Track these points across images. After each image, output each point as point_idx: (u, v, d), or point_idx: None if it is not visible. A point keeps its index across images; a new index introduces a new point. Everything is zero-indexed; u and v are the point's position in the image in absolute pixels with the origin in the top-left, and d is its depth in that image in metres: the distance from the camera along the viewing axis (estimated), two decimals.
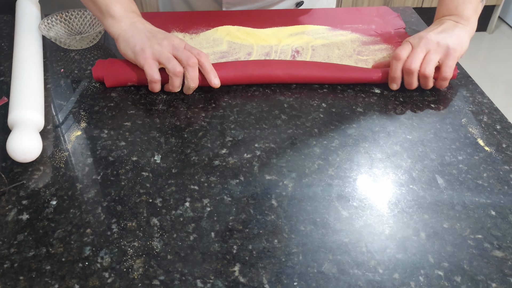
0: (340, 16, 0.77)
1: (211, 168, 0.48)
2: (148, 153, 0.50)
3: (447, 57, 0.57)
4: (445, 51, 0.57)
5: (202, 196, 0.45)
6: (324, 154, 0.50)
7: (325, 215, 0.43)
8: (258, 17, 0.77)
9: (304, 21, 0.75)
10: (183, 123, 0.54)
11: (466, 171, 0.48)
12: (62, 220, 0.42)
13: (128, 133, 0.53)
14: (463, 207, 0.44)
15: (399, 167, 0.48)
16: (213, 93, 0.60)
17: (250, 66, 0.60)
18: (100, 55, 0.67)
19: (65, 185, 0.46)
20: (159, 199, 0.44)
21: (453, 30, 0.59)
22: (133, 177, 0.47)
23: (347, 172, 0.48)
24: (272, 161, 0.49)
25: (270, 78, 0.60)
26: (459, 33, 0.59)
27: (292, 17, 0.77)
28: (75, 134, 0.52)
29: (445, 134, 0.53)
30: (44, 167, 0.48)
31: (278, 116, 0.56)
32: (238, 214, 0.43)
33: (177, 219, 0.42)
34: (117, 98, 0.58)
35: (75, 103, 0.57)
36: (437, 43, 0.57)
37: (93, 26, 0.70)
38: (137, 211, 0.43)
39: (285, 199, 0.44)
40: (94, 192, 0.45)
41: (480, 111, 0.56)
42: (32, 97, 0.52)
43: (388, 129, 0.54)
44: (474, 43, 2.40)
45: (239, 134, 0.53)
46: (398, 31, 0.73)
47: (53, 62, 0.65)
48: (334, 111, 0.57)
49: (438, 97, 0.59)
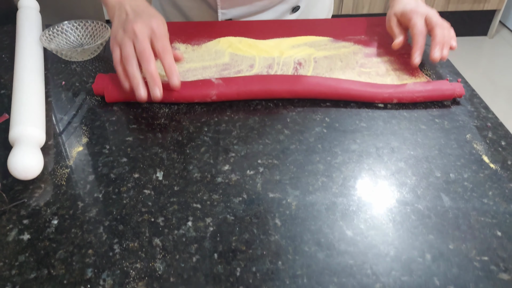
0: (342, 27, 0.77)
1: (214, 186, 0.48)
2: (150, 169, 0.49)
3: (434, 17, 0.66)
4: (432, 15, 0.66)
5: (205, 215, 0.44)
6: (328, 171, 0.50)
7: (329, 235, 0.42)
8: (260, 28, 0.76)
9: (306, 32, 0.75)
10: (185, 138, 0.54)
11: (471, 189, 0.47)
12: (63, 240, 0.42)
13: (129, 148, 0.52)
14: (468, 227, 0.43)
15: (404, 184, 0.48)
16: (216, 106, 0.59)
17: (253, 82, 0.59)
18: (101, 66, 0.67)
19: (67, 203, 0.45)
20: (161, 218, 0.44)
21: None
22: (135, 195, 0.46)
23: (351, 190, 0.47)
24: (275, 178, 0.49)
25: (273, 94, 0.59)
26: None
27: (294, 28, 0.76)
28: (76, 149, 0.52)
29: (450, 151, 0.52)
30: (45, 185, 0.47)
31: (281, 131, 0.55)
32: (242, 234, 0.42)
33: (179, 239, 0.42)
34: (119, 112, 0.58)
35: (77, 117, 0.57)
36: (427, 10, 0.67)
37: (95, 37, 0.70)
38: (139, 231, 0.43)
39: (289, 218, 0.44)
40: (96, 211, 0.45)
41: (485, 127, 0.56)
42: (34, 112, 0.52)
43: (392, 144, 0.53)
44: (474, 47, 2.40)
45: (242, 150, 0.52)
46: None
47: (54, 75, 0.65)
48: (337, 126, 0.56)
49: (442, 112, 0.58)
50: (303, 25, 0.78)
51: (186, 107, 0.59)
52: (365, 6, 2.25)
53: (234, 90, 0.59)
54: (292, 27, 0.77)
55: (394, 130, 0.55)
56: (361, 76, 0.64)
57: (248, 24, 0.77)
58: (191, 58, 0.67)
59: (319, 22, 0.79)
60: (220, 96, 0.59)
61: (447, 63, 0.68)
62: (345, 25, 0.78)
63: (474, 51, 2.38)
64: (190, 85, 0.59)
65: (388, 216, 0.44)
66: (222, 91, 0.58)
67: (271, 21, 0.79)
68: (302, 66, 0.66)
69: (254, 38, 0.73)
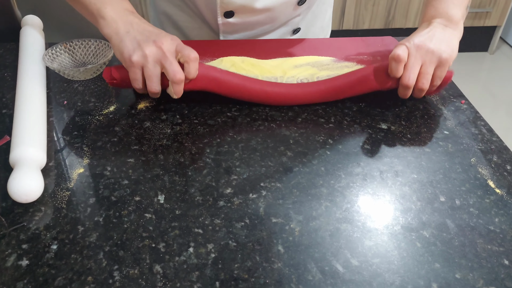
0: (345, 47, 0.77)
1: (216, 210, 0.47)
2: (151, 192, 0.49)
3: (440, 68, 0.58)
4: (438, 61, 0.58)
5: (207, 241, 0.44)
6: (331, 195, 0.49)
7: (333, 263, 0.42)
8: (262, 47, 0.76)
9: (309, 52, 0.75)
10: (187, 159, 0.53)
11: (477, 216, 0.47)
12: (63, 266, 0.41)
13: (131, 170, 0.52)
14: (475, 255, 0.43)
15: (409, 210, 0.47)
16: (218, 127, 0.59)
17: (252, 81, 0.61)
18: (103, 85, 0.67)
19: (67, 227, 0.45)
20: (162, 243, 0.43)
21: (444, 35, 0.60)
22: (136, 219, 0.46)
23: (355, 216, 0.47)
24: (278, 202, 0.48)
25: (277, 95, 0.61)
26: (451, 39, 0.60)
27: (297, 47, 0.76)
28: (77, 171, 0.51)
29: (455, 175, 0.52)
30: (45, 208, 0.47)
31: (283, 153, 0.55)
32: (244, 262, 0.42)
33: (180, 266, 0.41)
34: (121, 132, 0.57)
35: (78, 137, 0.56)
36: (432, 52, 0.58)
37: (97, 56, 0.70)
38: (139, 257, 0.42)
39: (292, 245, 0.43)
40: (96, 235, 0.44)
41: (490, 150, 0.56)
42: (35, 133, 0.51)
43: (396, 168, 0.53)
44: (475, 63, 2.41)
45: (244, 172, 0.52)
46: None
47: (56, 94, 0.65)
48: (340, 148, 0.56)
49: (446, 135, 0.58)
50: (306, 44, 0.78)
51: (189, 128, 0.58)
52: (366, 22, 2.27)
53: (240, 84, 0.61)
54: (295, 46, 0.77)
55: (397, 153, 0.55)
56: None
57: (251, 43, 0.77)
58: None
59: (322, 42, 0.79)
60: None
61: (451, 85, 0.68)
62: (348, 45, 0.78)
63: (475, 67, 2.39)
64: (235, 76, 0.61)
65: (394, 243, 0.44)
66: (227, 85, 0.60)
67: (274, 40, 0.79)
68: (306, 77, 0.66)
69: (257, 58, 0.73)
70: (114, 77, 0.59)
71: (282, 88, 0.62)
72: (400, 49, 0.58)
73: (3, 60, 0.73)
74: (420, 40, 0.59)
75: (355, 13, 2.23)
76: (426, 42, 0.58)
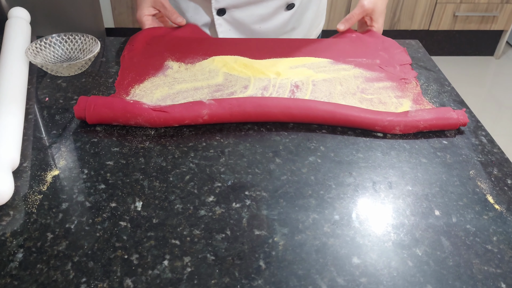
0: (343, 48, 0.74)
1: (196, 219, 0.44)
2: (128, 198, 0.46)
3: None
4: None
5: (183, 253, 0.41)
6: (320, 207, 0.46)
7: (318, 281, 0.39)
8: (257, 45, 0.73)
9: (305, 52, 0.72)
10: (169, 164, 0.51)
11: (474, 233, 0.44)
12: (26, 277, 0.38)
13: (109, 174, 0.49)
14: (470, 277, 0.40)
15: (402, 225, 0.44)
16: (205, 129, 0.56)
17: (247, 103, 0.56)
18: (88, 83, 0.64)
19: (35, 234, 0.42)
20: (135, 255, 0.40)
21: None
22: (109, 227, 0.43)
23: (344, 230, 0.44)
24: (263, 213, 0.45)
25: (267, 117, 0.56)
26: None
27: (292, 47, 0.73)
28: (52, 173, 0.49)
29: (452, 188, 0.49)
30: (14, 212, 0.44)
31: (272, 160, 0.52)
32: (221, 277, 0.39)
33: (153, 281, 0.38)
34: (102, 132, 0.55)
35: (57, 137, 0.54)
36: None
37: (83, 52, 0.67)
38: (110, 269, 0.39)
39: (275, 260, 0.40)
40: (66, 244, 0.41)
41: (490, 162, 0.52)
42: (8, 132, 0.48)
43: (390, 179, 0.50)
44: (481, 67, 2.37)
45: (229, 179, 0.49)
46: (403, 67, 0.69)
47: (38, 90, 0.62)
48: (332, 156, 0.53)
49: (445, 144, 0.55)
50: (302, 44, 0.75)
51: (174, 130, 0.56)
52: None
53: (226, 111, 0.55)
54: (291, 46, 0.74)
55: (392, 163, 0.52)
56: (363, 103, 0.61)
57: (245, 42, 0.74)
58: (183, 78, 0.64)
59: (319, 42, 0.76)
60: (212, 117, 0.55)
61: (452, 92, 0.65)
62: (346, 46, 0.75)
63: (480, 71, 2.35)
64: (179, 106, 0.55)
65: (383, 262, 0.41)
66: (214, 111, 0.55)
67: (269, 40, 0.76)
68: (300, 89, 0.63)
69: (251, 57, 0.70)
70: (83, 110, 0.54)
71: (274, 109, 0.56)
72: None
73: None
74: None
75: None
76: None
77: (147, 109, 0.54)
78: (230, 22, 0.79)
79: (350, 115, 0.56)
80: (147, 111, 0.54)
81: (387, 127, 0.55)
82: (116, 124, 0.56)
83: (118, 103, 0.54)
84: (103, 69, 0.67)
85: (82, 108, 0.54)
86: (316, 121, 0.57)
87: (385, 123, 0.55)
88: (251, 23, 0.80)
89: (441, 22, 2.23)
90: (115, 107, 0.54)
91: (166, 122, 0.55)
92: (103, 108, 0.54)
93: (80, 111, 0.54)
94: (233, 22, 0.79)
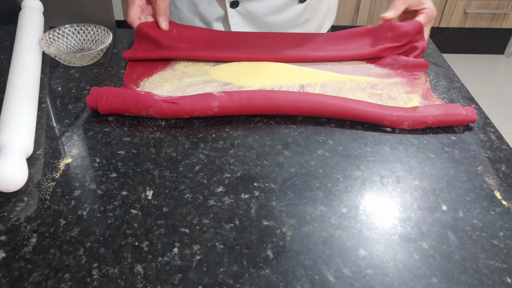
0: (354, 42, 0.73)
1: (205, 209, 0.45)
2: (139, 187, 0.47)
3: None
4: None
5: (193, 242, 0.41)
6: (328, 199, 0.47)
7: (324, 272, 0.39)
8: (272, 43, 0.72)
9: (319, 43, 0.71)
10: (179, 154, 0.51)
11: (480, 228, 0.44)
12: (40, 261, 0.39)
13: (120, 163, 0.50)
14: (476, 271, 0.40)
15: (408, 219, 0.45)
16: (215, 121, 0.57)
17: (257, 96, 0.56)
18: (100, 73, 0.65)
19: (48, 220, 0.43)
20: (146, 242, 0.41)
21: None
22: (120, 215, 0.44)
23: (351, 222, 0.44)
24: (271, 204, 0.46)
25: (277, 109, 0.57)
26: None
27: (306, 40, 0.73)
28: (64, 161, 0.49)
29: (459, 184, 0.49)
30: (28, 198, 0.45)
31: (280, 152, 0.52)
32: (230, 266, 0.40)
33: (163, 268, 0.39)
34: (114, 122, 0.55)
35: (69, 126, 0.55)
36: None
37: (96, 43, 0.68)
38: (121, 255, 0.40)
39: (282, 250, 0.41)
40: (78, 230, 0.42)
41: (498, 159, 0.53)
42: (22, 120, 0.49)
43: (398, 173, 0.50)
44: (490, 65, 2.35)
45: (238, 171, 0.50)
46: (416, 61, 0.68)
47: (51, 79, 0.63)
48: (340, 149, 0.53)
49: (453, 140, 0.55)
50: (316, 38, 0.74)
51: (184, 121, 0.56)
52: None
53: (236, 103, 0.56)
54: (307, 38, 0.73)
55: (400, 158, 0.52)
56: (372, 98, 0.61)
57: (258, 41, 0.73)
58: (192, 72, 0.65)
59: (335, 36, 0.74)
60: (222, 109, 0.56)
61: (461, 88, 0.65)
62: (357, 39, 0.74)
63: (490, 69, 2.33)
64: (190, 98, 0.56)
65: (389, 254, 0.41)
66: (224, 104, 0.56)
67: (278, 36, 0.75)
68: (309, 83, 0.63)
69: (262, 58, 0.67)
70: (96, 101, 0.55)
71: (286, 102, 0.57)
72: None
73: (0, 42, 0.71)
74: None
75: (370, 9, 2.19)
76: None
77: (158, 100, 0.55)
78: (243, 15, 0.80)
79: (359, 109, 0.56)
80: (158, 102, 0.55)
81: (395, 122, 0.56)
82: (128, 115, 0.56)
83: (129, 94, 0.55)
84: (115, 60, 0.68)
85: (94, 98, 0.55)
86: (325, 114, 0.57)
87: (393, 118, 0.56)
88: (264, 15, 0.80)
89: (452, 19, 2.21)
90: (126, 98, 0.55)
91: (177, 113, 0.55)
92: (115, 99, 0.55)
93: (92, 102, 0.55)
94: (246, 14, 0.80)
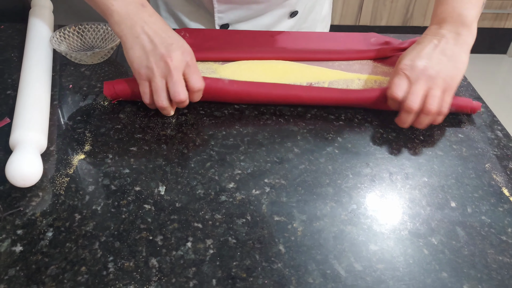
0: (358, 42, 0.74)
1: (217, 204, 0.46)
2: (152, 183, 0.48)
3: (447, 92, 0.53)
4: (445, 83, 0.53)
5: (206, 236, 0.42)
6: (337, 195, 0.47)
7: (336, 266, 0.40)
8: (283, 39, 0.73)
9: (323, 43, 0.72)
10: (191, 151, 0.52)
11: (489, 224, 0.45)
12: (56, 255, 0.40)
13: (133, 159, 0.50)
14: (485, 266, 0.41)
15: (418, 215, 0.45)
16: (225, 119, 0.57)
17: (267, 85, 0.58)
18: (111, 71, 0.65)
19: (64, 214, 0.44)
20: (160, 236, 0.42)
21: (453, 50, 0.54)
22: (134, 210, 0.44)
23: (361, 218, 0.45)
24: (282, 200, 0.46)
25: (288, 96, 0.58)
26: (460, 54, 0.54)
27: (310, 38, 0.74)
28: (78, 157, 0.50)
29: (468, 181, 0.50)
30: (43, 193, 0.46)
31: (290, 149, 0.53)
32: (243, 260, 0.40)
33: (177, 261, 0.40)
34: (125, 120, 0.56)
35: (81, 123, 0.55)
36: (437, 73, 0.53)
37: (106, 41, 0.68)
38: (135, 249, 0.41)
39: (294, 245, 0.42)
40: (93, 224, 0.43)
41: (506, 156, 0.53)
42: (36, 117, 0.50)
43: (407, 170, 0.51)
44: (493, 65, 2.36)
45: (249, 167, 0.50)
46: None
47: (62, 77, 0.64)
48: (349, 146, 0.54)
49: (461, 138, 0.56)
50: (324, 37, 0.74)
51: (194, 118, 0.57)
52: (383, 18, 2.22)
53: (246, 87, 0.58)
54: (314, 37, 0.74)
55: (409, 155, 0.53)
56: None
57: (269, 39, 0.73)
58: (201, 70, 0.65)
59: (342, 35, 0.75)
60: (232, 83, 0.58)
61: (468, 87, 0.66)
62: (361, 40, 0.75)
63: (493, 69, 2.33)
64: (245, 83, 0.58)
65: (400, 249, 0.42)
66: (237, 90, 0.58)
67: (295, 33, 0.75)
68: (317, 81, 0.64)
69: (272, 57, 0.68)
70: (118, 94, 0.57)
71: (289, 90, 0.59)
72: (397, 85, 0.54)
73: (11, 41, 0.72)
74: (425, 61, 0.54)
75: (373, 9, 2.19)
76: (432, 64, 0.53)
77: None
78: None
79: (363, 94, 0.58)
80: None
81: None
82: (138, 111, 0.57)
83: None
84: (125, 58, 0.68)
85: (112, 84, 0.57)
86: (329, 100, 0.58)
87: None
88: None
89: None
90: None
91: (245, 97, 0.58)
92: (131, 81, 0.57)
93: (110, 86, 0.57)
94: None
